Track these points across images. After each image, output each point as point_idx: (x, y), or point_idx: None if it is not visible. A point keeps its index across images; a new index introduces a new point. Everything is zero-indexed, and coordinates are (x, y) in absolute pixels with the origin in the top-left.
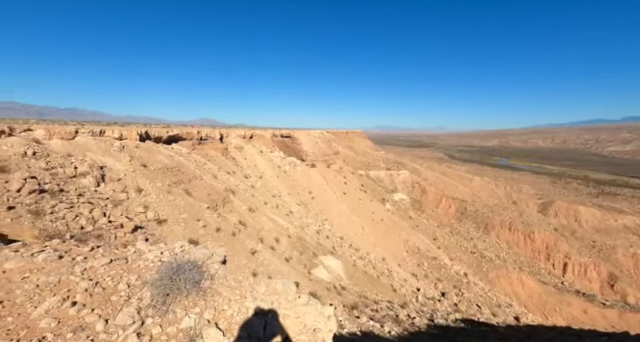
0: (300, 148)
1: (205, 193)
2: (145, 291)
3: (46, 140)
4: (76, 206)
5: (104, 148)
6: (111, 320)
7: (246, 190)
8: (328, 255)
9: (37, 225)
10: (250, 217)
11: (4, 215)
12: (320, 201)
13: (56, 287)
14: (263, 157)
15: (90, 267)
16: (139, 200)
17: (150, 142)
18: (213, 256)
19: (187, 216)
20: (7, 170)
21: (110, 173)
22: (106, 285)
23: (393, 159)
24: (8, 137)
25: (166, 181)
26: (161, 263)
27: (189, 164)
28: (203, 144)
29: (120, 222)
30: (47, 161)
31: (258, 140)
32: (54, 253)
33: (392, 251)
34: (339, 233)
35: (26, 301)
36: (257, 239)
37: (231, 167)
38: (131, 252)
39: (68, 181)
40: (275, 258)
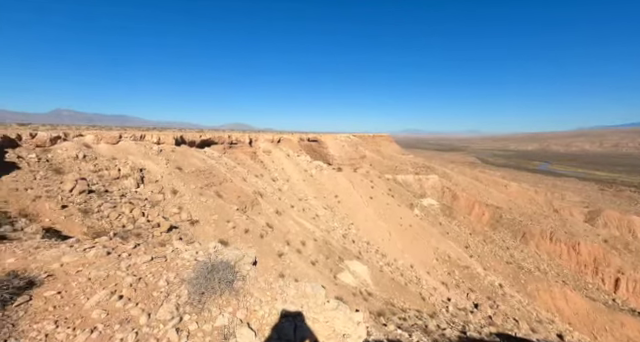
0: (327, 152)
1: (235, 195)
2: (183, 289)
3: (94, 144)
4: (119, 206)
5: (144, 152)
6: (153, 314)
7: (273, 193)
8: (354, 260)
9: (85, 223)
10: (277, 220)
11: (59, 213)
12: (346, 205)
13: (105, 281)
14: (290, 161)
15: (134, 263)
16: (174, 201)
17: (185, 146)
18: (244, 257)
19: (217, 217)
20: (62, 172)
21: (149, 175)
22: (148, 281)
23: (422, 163)
24: (63, 142)
25: (199, 183)
26: (197, 262)
27: (220, 167)
28: (233, 148)
29: (157, 221)
30: (95, 164)
31: (285, 144)
32: (103, 249)
33: (421, 258)
34: (365, 238)
35: (80, 293)
36: (284, 242)
37: (259, 170)
38: (169, 251)
39: (112, 182)
40: (301, 261)
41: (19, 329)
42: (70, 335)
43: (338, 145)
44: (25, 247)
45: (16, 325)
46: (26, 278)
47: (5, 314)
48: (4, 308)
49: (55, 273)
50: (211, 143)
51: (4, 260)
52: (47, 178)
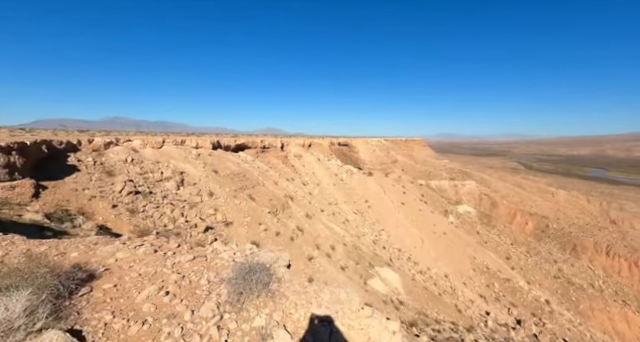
0: (357, 156)
1: (267, 198)
2: (222, 288)
3: (141, 149)
4: (161, 206)
5: (184, 156)
6: (196, 311)
7: (304, 197)
8: (385, 267)
9: (132, 221)
10: (307, 223)
11: (110, 212)
12: (377, 210)
13: (153, 277)
14: (321, 165)
15: (178, 262)
16: (210, 203)
17: (221, 150)
18: (279, 260)
19: (250, 219)
20: (113, 174)
21: (188, 178)
22: (191, 279)
23: (457, 168)
24: (115, 146)
25: (233, 186)
26: (234, 263)
27: (253, 171)
28: (266, 152)
29: (195, 222)
30: (141, 167)
31: (316, 148)
32: (150, 247)
33: (456, 268)
34: (397, 244)
35: (132, 287)
36: (313, 245)
37: (290, 174)
38: (209, 251)
39: (156, 184)
40: (331, 266)
41: (83, 317)
42: (125, 326)
43: (369, 149)
44: (86, 243)
45: (80, 313)
46: (87, 271)
47: (72, 303)
48: (71, 297)
49: (111, 268)
50: (245, 147)
51: (69, 254)
52: (101, 180)
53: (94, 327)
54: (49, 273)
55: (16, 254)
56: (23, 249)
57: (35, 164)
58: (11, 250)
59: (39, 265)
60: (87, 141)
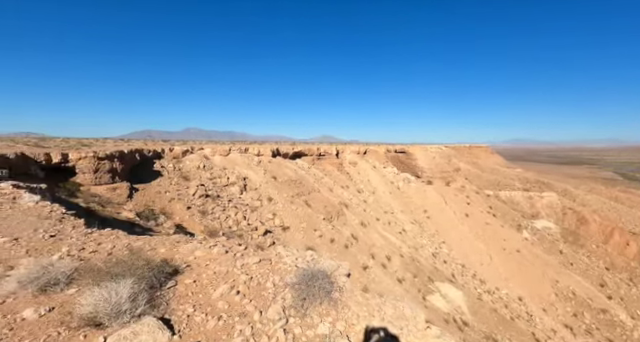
0: (415, 164)
1: (322, 205)
2: (287, 292)
3: (211, 156)
4: (227, 209)
5: (247, 162)
6: (264, 312)
7: (358, 204)
8: (446, 282)
9: (202, 222)
10: (362, 232)
11: (185, 213)
12: (437, 221)
13: (225, 276)
14: (376, 172)
15: (246, 263)
16: (269, 207)
17: (279, 157)
18: (339, 268)
19: (306, 225)
20: (188, 179)
21: (250, 183)
22: (258, 281)
23: (533, 178)
24: (190, 154)
25: (290, 192)
26: (297, 268)
27: (309, 178)
28: (321, 159)
29: (255, 225)
30: (211, 172)
31: (371, 156)
32: (222, 248)
33: (533, 291)
34: (460, 259)
35: (208, 284)
36: (368, 254)
37: (345, 181)
38: (273, 254)
39: (222, 189)
40: (386, 277)
41: (170, 308)
42: (204, 319)
43: (428, 157)
44: (171, 240)
45: (168, 304)
46: (173, 266)
47: (162, 293)
48: (161, 288)
49: (191, 264)
50: (302, 155)
51: (158, 249)
52: (179, 184)
53: (179, 317)
54: (146, 266)
55: (120, 247)
56: (125, 243)
57: (130, 169)
58: (117, 244)
59: (138, 258)
60: (169, 150)
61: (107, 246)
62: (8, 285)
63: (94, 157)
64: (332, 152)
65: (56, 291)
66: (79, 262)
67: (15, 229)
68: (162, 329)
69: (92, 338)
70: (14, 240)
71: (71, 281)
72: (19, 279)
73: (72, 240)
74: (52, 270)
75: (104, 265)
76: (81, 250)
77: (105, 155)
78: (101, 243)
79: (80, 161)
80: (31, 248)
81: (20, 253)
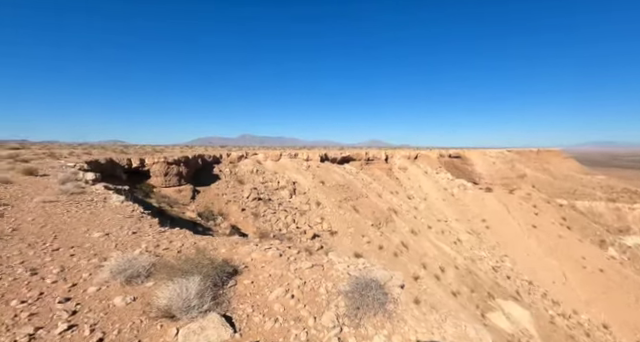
0: (472, 169)
1: (370, 211)
2: (340, 300)
3: (263, 161)
4: (277, 212)
5: (296, 167)
6: (318, 319)
7: (409, 211)
8: (510, 300)
9: (255, 224)
10: (412, 240)
11: (239, 214)
12: (497, 232)
13: (280, 279)
14: (428, 178)
15: (299, 268)
16: (317, 212)
17: (328, 162)
18: (393, 279)
19: (353, 230)
20: (243, 182)
21: (299, 187)
22: (311, 286)
23: (620, 187)
24: (244, 159)
25: (338, 197)
26: (349, 276)
27: (357, 183)
28: (370, 164)
29: (304, 229)
30: (263, 177)
31: (423, 160)
32: (277, 251)
33: (623, 318)
34: (526, 276)
35: (264, 286)
36: (419, 264)
37: (394, 187)
38: (325, 260)
39: (273, 192)
40: (440, 289)
41: (231, 306)
42: (261, 320)
43: (487, 162)
44: (230, 241)
45: (230, 302)
46: (233, 266)
47: (224, 292)
48: (223, 287)
49: (249, 266)
50: (350, 159)
51: (220, 249)
52: (234, 187)
53: (240, 316)
54: (210, 265)
55: (188, 246)
56: (192, 242)
57: (193, 173)
58: (185, 243)
59: (203, 257)
60: (226, 155)
61: (177, 244)
62: (103, 274)
63: (164, 162)
64: (381, 157)
65: (138, 283)
66: (155, 258)
67: (106, 225)
68: (225, 326)
69: (167, 329)
70: (106, 235)
71: (149, 274)
72: (111, 269)
73: (149, 237)
74: (135, 264)
75: (175, 262)
76: (156, 247)
77: (173, 160)
78: (172, 241)
79: (153, 165)
80: (119, 243)
81: (111, 246)
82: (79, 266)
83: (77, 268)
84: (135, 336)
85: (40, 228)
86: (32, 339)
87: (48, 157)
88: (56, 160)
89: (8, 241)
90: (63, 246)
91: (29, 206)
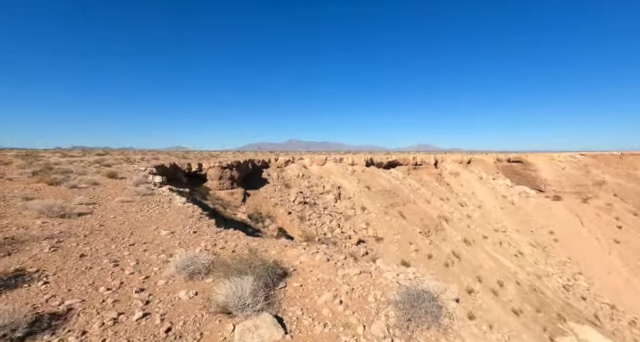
0: (536, 175)
1: (418, 217)
2: (390, 310)
3: (309, 166)
4: (322, 216)
5: (341, 172)
6: (367, 327)
7: (461, 219)
8: (586, 325)
9: (300, 227)
10: (465, 250)
11: (286, 217)
12: (568, 246)
13: (328, 284)
14: (483, 184)
15: (347, 274)
16: (363, 217)
17: (373, 167)
18: (447, 291)
19: (400, 238)
20: (289, 186)
21: (344, 192)
22: (359, 293)
23: None
24: (291, 164)
25: (384, 202)
26: (399, 285)
27: (404, 188)
28: (417, 169)
29: (349, 234)
30: (308, 181)
31: (477, 165)
32: (324, 256)
33: None
34: (607, 298)
35: (313, 290)
36: (474, 277)
37: (445, 193)
38: (373, 268)
39: (318, 196)
40: (497, 305)
41: (282, 308)
42: (311, 324)
43: (554, 167)
44: (280, 244)
45: (280, 304)
46: (282, 268)
47: (274, 293)
48: (274, 288)
49: (297, 269)
50: (396, 164)
51: (270, 251)
52: (281, 190)
53: (290, 318)
54: (262, 265)
55: (241, 246)
56: (245, 243)
57: (244, 177)
58: (238, 243)
59: (256, 258)
60: (274, 159)
61: (232, 244)
62: (169, 269)
63: (219, 166)
64: (430, 161)
65: (199, 278)
66: (213, 256)
67: (171, 224)
68: (277, 327)
69: (225, 324)
70: (171, 233)
71: (208, 271)
72: (176, 265)
73: (207, 237)
74: (196, 261)
75: (231, 261)
76: (214, 246)
77: (227, 165)
78: (227, 241)
79: (209, 170)
80: (182, 241)
81: (175, 244)
82: (150, 260)
83: (149, 262)
84: (197, 328)
85: (120, 225)
86: (115, 323)
87: (125, 162)
88: (131, 165)
89: (97, 235)
90: (137, 242)
91: (111, 205)
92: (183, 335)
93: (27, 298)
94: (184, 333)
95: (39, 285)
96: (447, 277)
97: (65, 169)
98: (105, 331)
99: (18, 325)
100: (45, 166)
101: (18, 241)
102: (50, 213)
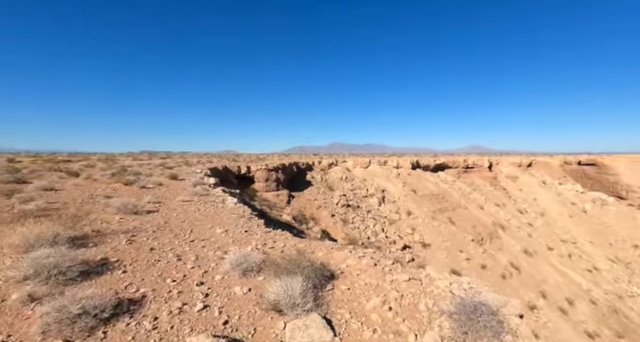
0: (615, 180)
1: (469, 224)
2: (443, 320)
3: (352, 169)
4: (365, 220)
5: (385, 175)
6: (419, 337)
7: (520, 228)
8: None
9: (344, 230)
10: (525, 261)
11: (329, 220)
12: None
13: (376, 289)
14: (547, 190)
15: (395, 279)
16: (408, 222)
17: (419, 170)
18: (508, 306)
19: (449, 245)
20: (332, 189)
21: (388, 196)
22: (409, 301)
23: None
24: (334, 166)
25: (431, 207)
26: (453, 296)
27: (453, 192)
28: (469, 172)
29: (393, 239)
30: (352, 184)
31: (540, 168)
32: (371, 260)
33: None
34: None
35: (361, 294)
36: (536, 292)
37: (501, 199)
38: (423, 275)
39: (362, 200)
40: (567, 325)
41: (330, 310)
42: (360, 328)
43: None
44: (326, 246)
45: (328, 306)
46: (329, 271)
47: (322, 294)
48: (321, 289)
49: (344, 272)
50: (445, 167)
51: (317, 253)
52: (325, 193)
53: (339, 321)
54: (310, 267)
55: (289, 247)
56: (292, 244)
57: (289, 179)
58: (286, 244)
59: (304, 259)
60: (317, 162)
61: (280, 244)
62: (225, 265)
63: (266, 169)
64: (483, 164)
65: (251, 276)
66: (263, 255)
67: (225, 223)
68: (326, 328)
69: (276, 321)
70: (225, 231)
71: (260, 270)
72: (230, 262)
73: (257, 236)
74: (249, 259)
75: (280, 261)
76: (263, 245)
77: (273, 167)
78: (276, 241)
79: (257, 172)
80: (235, 239)
81: (229, 241)
82: (208, 256)
83: (207, 258)
84: (251, 323)
85: (181, 222)
86: (181, 312)
87: (184, 165)
88: (189, 167)
89: (162, 231)
90: (196, 238)
91: (174, 204)
92: (239, 328)
93: (110, 284)
94: (240, 327)
95: (119, 273)
96: (504, 290)
97: (136, 171)
98: (173, 318)
99: (105, 307)
100: (121, 169)
101: (102, 234)
102: (126, 210)
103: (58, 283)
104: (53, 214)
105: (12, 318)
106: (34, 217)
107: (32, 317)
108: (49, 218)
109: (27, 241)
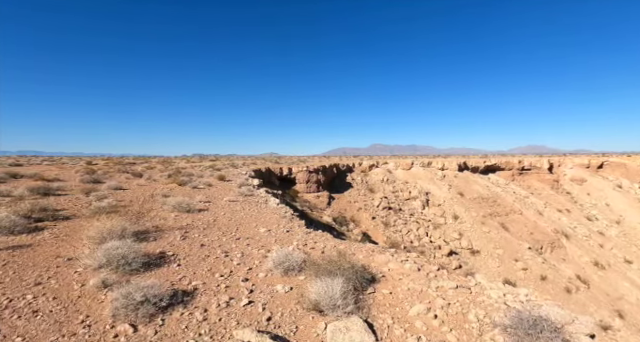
0: None
1: (525, 231)
2: (496, 333)
3: (394, 170)
4: (408, 223)
5: (429, 177)
6: None
7: (588, 236)
8: None
9: (385, 233)
10: (596, 275)
11: (370, 222)
12: None
13: (420, 295)
14: (622, 195)
15: (441, 286)
16: (454, 226)
17: (467, 172)
18: (575, 323)
19: (502, 252)
20: (373, 191)
21: (432, 198)
22: (457, 310)
23: None
24: (375, 168)
25: (480, 211)
26: (507, 307)
27: (506, 196)
28: (524, 174)
29: (438, 244)
30: (393, 186)
31: (613, 170)
32: (414, 264)
33: None
34: None
35: (404, 299)
36: (611, 310)
37: (564, 204)
38: (472, 283)
39: (404, 202)
40: None
41: (371, 313)
42: (403, 335)
43: None
44: (366, 249)
45: (369, 309)
46: (370, 273)
47: (363, 297)
48: (362, 292)
49: (385, 275)
50: (496, 169)
51: (357, 255)
52: (365, 195)
53: (380, 325)
54: (351, 269)
55: (329, 248)
56: (333, 245)
57: (329, 181)
58: (327, 245)
59: (345, 260)
60: (358, 164)
61: (320, 245)
62: (268, 263)
63: (307, 171)
64: (542, 166)
65: (293, 275)
66: (304, 255)
67: (268, 222)
68: (368, 332)
69: (317, 321)
70: (268, 231)
71: (301, 269)
72: (273, 260)
73: (298, 236)
74: (290, 258)
75: (321, 261)
76: (304, 245)
77: (314, 169)
78: (316, 242)
79: (298, 174)
80: (277, 238)
81: (272, 241)
82: (252, 254)
83: (251, 256)
84: (293, 321)
85: (228, 221)
86: (228, 305)
87: (231, 167)
88: (235, 169)
89: (212, 228)
90: (242, 237)
91: (221, 203)
92: (282, 326)
93: (167, 275)
94: (282, 324)
95: (174, 266)
96: (568, 305)
97: (189, 173)
98: (221, 311)
99: (163, 297)
100: (176, 170)
101: (160, 229)
102: (180, 208)
103: (125, 272)
104: (121, 211)
105: (90, 301)
106: (106, 213)
107: (105, 301)
108: (118, 214)
109: (101, 234)
